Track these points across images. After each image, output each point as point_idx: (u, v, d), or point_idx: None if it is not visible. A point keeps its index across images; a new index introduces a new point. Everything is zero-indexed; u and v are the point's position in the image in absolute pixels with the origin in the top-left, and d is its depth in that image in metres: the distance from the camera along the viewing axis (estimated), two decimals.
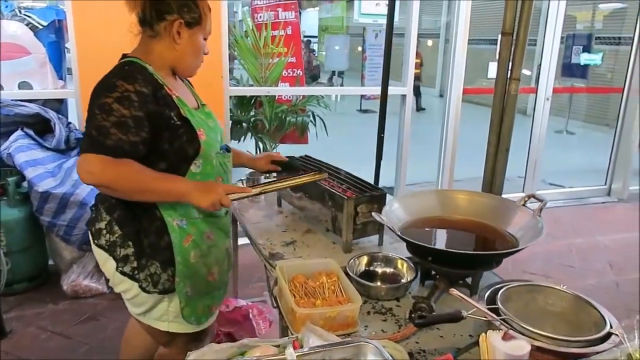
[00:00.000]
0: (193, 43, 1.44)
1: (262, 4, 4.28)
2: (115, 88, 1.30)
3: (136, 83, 1.33)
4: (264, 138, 4.32)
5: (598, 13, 9.01)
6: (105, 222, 1.46)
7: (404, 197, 1.67)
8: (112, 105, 1.29)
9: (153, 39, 1.42)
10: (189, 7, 1.40)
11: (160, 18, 1.39)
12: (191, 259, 1.47)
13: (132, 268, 1.44)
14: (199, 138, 1.43)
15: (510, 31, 1.77)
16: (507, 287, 1.26)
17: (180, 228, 1.45)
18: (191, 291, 1.49)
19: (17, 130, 2.95)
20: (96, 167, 1.27)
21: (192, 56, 1.47)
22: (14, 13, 3.17)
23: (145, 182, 1.35)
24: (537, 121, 4.65)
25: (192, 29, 1.43)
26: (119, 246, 1.44)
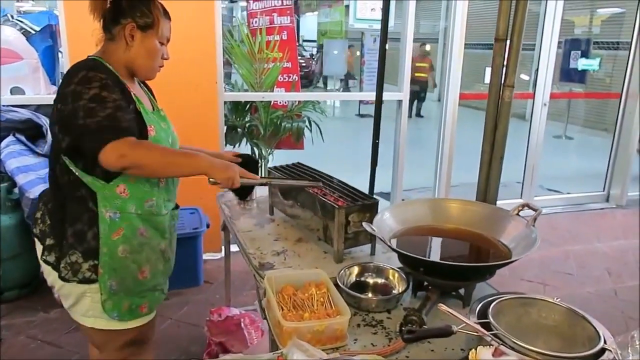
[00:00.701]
0: (146, 46, 1.50)
1: (257, 9, 4.26)
2: (93, 79, 1.36)
3: (104, 73, 1.40)
4: (259, 144, 4.30)
5: (596, 18, 9.01)
6: (40, 212, 1.54)
7: (396, 206, 1.64)
8: (101, 94, 1.35)
9: (111, 42, 1.50)
10: (142, 11, 1.48)
11: (116, 22, 1.47)
12: (119, 253, 1.47)
13: (55, 257, 1.47)
14: (149, 133, 1.48)
15: (503, 37, 1.75)
16: (499, 300, 1.22)
17: (112, 220, 1.45)
18: (116, 285, 1.48)
19: (8, 136, 2.93)
20: (126, 149, 1.33)
21: (146, 59, 1.52)
22: (7, 18, 3.15)
23: (170, 155, 1.46)
24: (535, 127, 4.63)
25: (145, 33, 1.49)
26: (46, 236, 1.50)
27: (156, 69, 1.57)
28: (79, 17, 2.87)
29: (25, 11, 11.86)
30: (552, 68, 4.52)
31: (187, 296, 3.03)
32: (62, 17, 2.90)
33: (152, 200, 1.52)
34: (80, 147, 1.38)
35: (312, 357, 1.05)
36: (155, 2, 1.52)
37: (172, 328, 2.74)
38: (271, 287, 1.37)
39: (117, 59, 1.49)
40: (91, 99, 1.34)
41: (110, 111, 1.34)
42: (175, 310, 2.87)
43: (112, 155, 1.32)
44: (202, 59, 3.19)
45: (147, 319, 1.61)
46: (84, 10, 2.91)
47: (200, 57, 3.19)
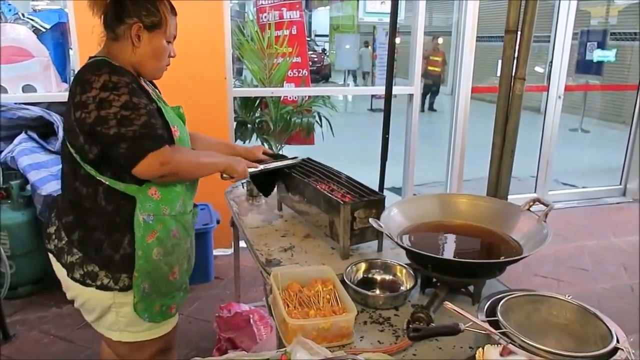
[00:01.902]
0: (153, 46, 1.43)
1: (266, 3, 4.24)
2: (118, 84, 1.31)
3: (125, 77, 1.34)
4: (269, 139, 4.29)
5: (613, 8, 8.82)
6: (55, 227, 1.47)
7: (404, 202, 1.62)
8: (132, 100, 1.31)
9: (115, 42, 1.42)
10: (149, 10, 1.40)
11: (120, 21, 1.39)
12: (154, 256, 1.44)
13: (82, 273, 1.41)
14: (174, 135, 1.45)
15: (514, 28, 1.71)
16: (509, 297, 1.20)
17: (146, 223, 1.42)
18: (149, 288, 1.46)
19: (20, 133, 2.96)
20: (168, 157, 1.34)
21: (153, 59, 1.45)
22: (17, 16, 3.17)
23: (198, 159, 1.51)
24: (549, 120, 4.55)
25: (152, 32, 1.42)
26: (66, 253, 1.43)
27: (164, 68, 1.52)
28: (89, 15, 2.88)
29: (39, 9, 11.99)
30: (567, 60, 4.43)
31: (198, 292, 3.04)
32: (72, 15, 2.91)
33: (181, 200, 1.51)
34: (109, 156, 1.35)
35: (316, 356, 1.03)
36: (162, 0, 1.44)
37: (183, 324, 2.75)
38: (277, 284, 1.36)
39: (123, 59, 1.42)
40: (123, 106, 1.29)
41: (145, 119, 1.31)
42: (186, 306, 2.88)
43: (154, 164, 1.32)
44: (211, 55, 3.19)
45: (174, 321, 1.60)
46: None
47: (210, 53, 3.18)
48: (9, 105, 2.93)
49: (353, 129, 8.55)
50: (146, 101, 1.35)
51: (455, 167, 4.17)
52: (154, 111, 1.36)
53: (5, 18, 3.15)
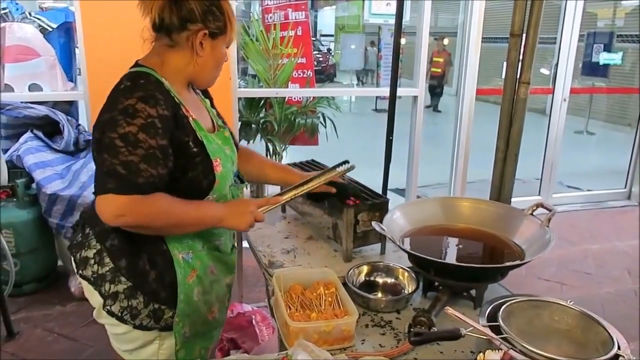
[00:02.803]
0: (215, 55, 1.29)
1: (272, 4, 4.25)
2: (137, 113, 1.13)
3: (158, 106, 1.16)
4: (274, 140, 4.30)
5: (620, 10, 8.78)
6: (94, 250, 1.28)
7: (406, 205, 1.62)
8: (137, 135, 1.12)
9: (170, 49, 1.26)
10: (214, 14, 1.24)
11: (183, 27, 1.23)
12: (194, 297, 1.32)
13: (122, 307, 1.26)
14: (215, 170, 1.29)
15: (519, 32, 1.71)
16: (510, 302, 1.20)
17: (186, 262, 1.30)
18: (189, 332, 1.33)
19: (26, 132, 2.98)
20: (128, 209, 1.12)
21: (213, 68, 1.32)
22: (24, 16, 3.19)
23: (179, 214, 1.21)
24: (554, 123, 4.54)
25: (216, 40, 1.27)
26: (108, 281, 1.26)
27: (218, 75, 1.37)
28: (95, 14, 2.91)
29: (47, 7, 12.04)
30: (572, 62, 4.42)
31: None
32: (79, 13, 2.92)
33: (220, 240, 1.41)
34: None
35: (317, 358, 1.04)
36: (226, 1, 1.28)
37: None
38: (279, 286, 1.37)
39: (178, 70, 1.27)
40: (123, 137, 1.12)
41: (133, 158, 1.12)
42: None
43: (107, 209, 1.12)
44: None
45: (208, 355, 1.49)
46: (99, 8, 2.94)
47: None
48: (15, 104, 2.95)
49: (358, 129, 8.55)
50: (158, 143, 1.15)
51: (460, 168, 4.16)
52: (154, 157, 1.15)
53: (12, 17, 3.17)
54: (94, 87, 2.95)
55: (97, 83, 2.95)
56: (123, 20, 2.83)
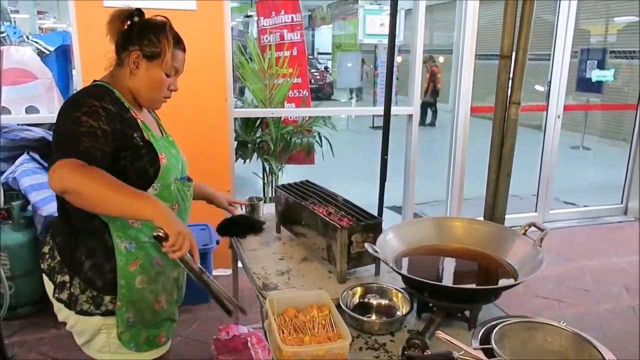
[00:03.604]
0: (150, 76, 1.47)
1: (268, 25, 4.30)
2: (84, 104, 1.33)
3: (103, 100, 1.36)
4: (270, 159, 4.31)
5: (612, 27, 8.90)
6: (48, 246, 1.48)
7: (400, 226, 1.62)
8: (81, 117, 1.29)
9: (119, 67, 1.48)
10: (150, 41, 1.44)
11: (124, 48, 1.46)
12: (137, 284, 1.44)
13: (68, 294, 1.41)
14: (160, 161, 1.46)
15: (508, 54, 1.73)
16: (503, 324, 1.20)
17: (128, 251, 1.43)
18: (133, 318, 1.45)
19: (22, 154, 2.98)
20: (67, 170, 1.20)
21: (149, 89, 1.48)
22: (22, 39, 3.22)
23: (113, 190, 1.23)
24: (549, 139, 4.56)
25: (151, 62, 1.46)
26: (57, 272, 1.44)
27: (160, 100, 1.54)
28: (92, 37, 2.94)
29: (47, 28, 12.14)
30: (566, 79, 4.46)
31: (197, 313, 3.02)
32: (75, 36, 2.96)
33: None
34: None
35: None
36: (165, 32, 1.47)
37: (181, 346, 2.73)
38: (272, 310, 1.36)
39: (123, 85, 1.47)
40: (71, 120, 1.29)
41: (76, 132, 1.27)
42: (185, 328, 2.87)
43: (53, 176, 1.21)
44: (212, 76, 3.23)
45: (164, 349, 1.58)
46: (96, 31, 2.97)
47: (210, 74, 3.22)
48: (12, 126, 2.97)
49: (355, 147, 8.59)
50: (99, 124, 1.29)
51: (456, 186, 4.17)
52: (95, 135, 1.28)
53: (10, 41, 3.21)
54: None
55: None
56: None
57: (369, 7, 3.82)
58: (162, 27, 1.47)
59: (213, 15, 3.16)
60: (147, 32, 1.45)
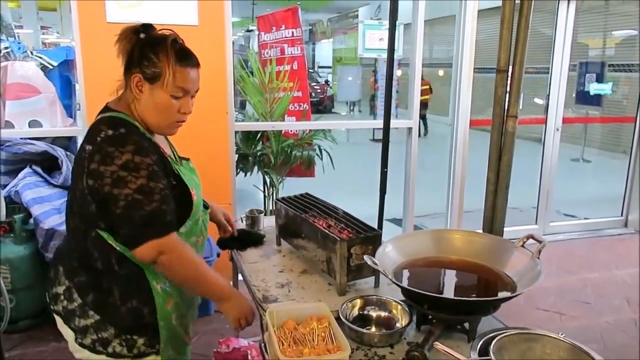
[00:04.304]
0: (154, 100, 1.35)
1: (268, 40, 4.36)
2: (140, 166, 1.26)
3: (150, 154, 1.31)
4: (270, 172, 4.34)
5: (610, 40, 8.98)
6: (64, 287, 1.36)
7: (398, 238, 1.63)
8: (149, 184, 1.26)
9: (126, 91, 1.39)
10: (150, 60, 1.32)
11: (127, 69, 1.36)
12: (173, 321, 1.43)
13: (93, 339, 1.34)
14: (192, 199, 1.42)
15: (505, 68, 1.76)
16: (502, 336, 1.20)
17: (164, 291, 1.40)
18: (173, 354, 1.45)
19: (25, 167, 3.01)
20: (168, 246, 1.29)
21: (155, 114, 1.37)
22: (26, 54, 3.27)
23: (201, 269, 1.39)
24: (548, 152, 4.58)
25: (153, 85, 1.34)
26: (78, 316, 1.34)
27: (172, 125, 1.41)
28: (95, 52, 2.98)
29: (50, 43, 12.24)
30: (564, 93, 4.49)
31: (197, 326, 3.01)
32: (79, 50, 2.99)
33: None
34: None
35: None
36: (165, 48, 1.33)
37: None
38: (272, 322, 1.37)
39: (132, 111, 1.37)
40: (138, 189, 1.25)
41: (156, 204, 1.26)
42: None
43: (151, 252, 1.27)
44: (213, 90, 3.26)
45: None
46: (99, 46, 3.03)
47: (212, 88, 3.25)
48: (15, 140, 2.99)
49: (355, 159, 8.60)
50: (163, 184, 1.30)
51: (456, 198, 4.19)
52: (167, 196, 1.30)
53: (14, 56, 3.25)
54: None
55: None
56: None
57: (369, 22, 3.87)
58: (162, 42, 1.34)
59: (214, 30, 3.21)
60: (147, 50, 1.33)
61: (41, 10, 11.86)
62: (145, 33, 1.36)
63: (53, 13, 12.56)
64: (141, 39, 1.35)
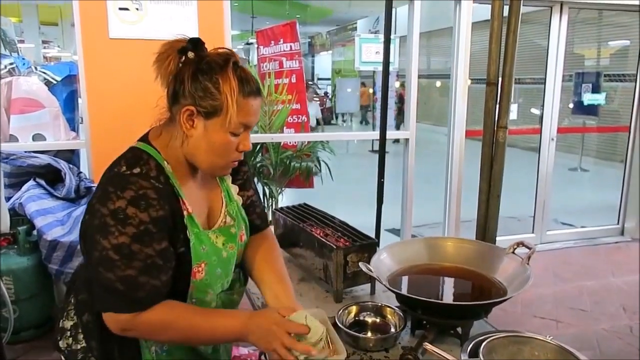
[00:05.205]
0: (209, 137, 1.10)
1: (267, 54, 4.45)
2: (128, 220, 1.03)
3: (150, 208, 1.05)
4: (270, 183, 4.40)
5: (605, 50, 9.08)
6: (71, 322, 1.22)
7: (393, 246, 1.68)
8: (131, 247, 1.03)
9: (170, 124, 1.16)
10: (207, 92, 1.07)
11: (175, 100, 1.11)
12: None
13: None
14: (192, 276, 1.16)
15: (494, 81, 1.83)
16: (492, 338, 1.25)
17: (158, 356, 1.20)
18: None
19: (29, 180, 3.07)
20: (131, 325, 1.06)
21: (209, 153, 1.12)
22: (31, 70, 3.34)
23: (186, 327, 1.09)
24: (543, 162, 4.64)
25: (210, 120, 1.09)
26: (79, 357, 1.20)
27: (228, 165, 1.17)
28: (97, 68, 3.05)
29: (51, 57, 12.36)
30: (558, 102, 4.56)
31: None
32: (82, 65, 3.06)
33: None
34: None
35: None
36: (227, 76, 1.07)
37: None
38: None
39: (175, 149, 1.14)
40: (117, 247, 1.03)
41: (131, 272, 1.03)
42: None
43: (112, 325, 1.08)
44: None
45: None
46: (101, 62, 3.09)
47: None
48: (19, 153, 3.05)
49: (355, 170, 8.66)
50: (155, 251, 1.06)
51: (453, 208, 4.23)
52: (153, 267, 1.06)
53: (19, 71, 3.33)
54: (96, 135, 3.07)
55: (99, 132, 3.07)
56: (124, 73, 2.99)
57: (365, 36, 3.96)
58: (222, 67, 1.08)
59: (214, 43, 3.24)
60: (202, 77, 1.08)
61: (42, 24, 12.03)
62: (195, 52, 1.11)
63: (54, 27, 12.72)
64: (189, 60, 1.10)
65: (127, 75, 2.98)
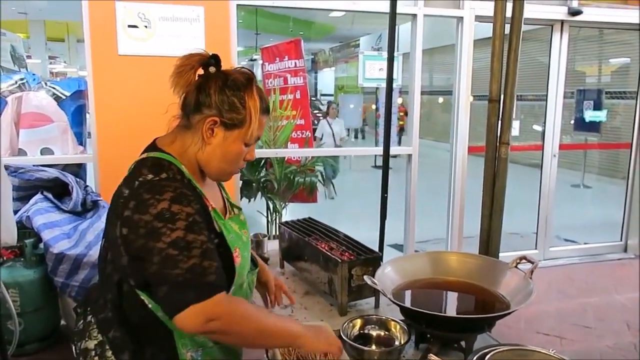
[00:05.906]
0: (227, 148, 1.21)
1: (272, 70, 4.51)
2: (176, 216, 1.09)
3: (192, 203, 1.14)
4: (274, 198, 4.43)
5: (606, 68, 9.15)
6: (95, 341, 1.21)
7: (397, 260, 1.71)
8: (186, 237, 1.09)
9: (186, 130, 1.23)
10: (232, 105, 1.19)
11: (198, 109, 1.20)
12: None
13: None
14: (234, 261, 1.24)
15: (496, 98, 1.86)
16: (494, 351, 1.27)
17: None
18: None
19: (37, 193, 3.10)
20: (217, 311, 1.06)
21: (222, 161, 1.23)
22: (40, 85, 3.40)
23: (264, 320, 1.14)
24: (546, 178, 4.66)
25: (230, 132, 1.20)
26: None
27: (233, 172, 1.30)
28: (106, 84, 3.11)
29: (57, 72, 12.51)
30: (560, 119, 4.60)
31: None
32: (91, 80, 3.12)
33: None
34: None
35: None
36: (252, 95, 1.20)
37: None
38: None
39: (190, 154, 1.23)
40: (173, 243, 1.07)
41: (195, 261, 1.07)
42: None
43: (195, 320, 1.05)
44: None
45: None
46: (110, 78, 3.15)
47: None
48: (28, 167, 3.09)
49: (358, 185, 8.69)
50: (206, 236, 1.12)
51: (455, 224, 4.25)
52: (210, 251, 1.12)
53: (29, 87, 3.39)
54: (103, 150, 3.11)
55: (106, 146, 3.12)
56: (132, 89, 3.04)
57: (368, 53, 4.01)
58: (246, 85, 1.20)
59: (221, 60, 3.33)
60: (229, 91, 1.19)
61: (49, 40, 12.22)
62: (217, 67, 1.22)
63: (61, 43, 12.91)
64: (212, 74, 1.21)
65: (135, 91, 3.03)
